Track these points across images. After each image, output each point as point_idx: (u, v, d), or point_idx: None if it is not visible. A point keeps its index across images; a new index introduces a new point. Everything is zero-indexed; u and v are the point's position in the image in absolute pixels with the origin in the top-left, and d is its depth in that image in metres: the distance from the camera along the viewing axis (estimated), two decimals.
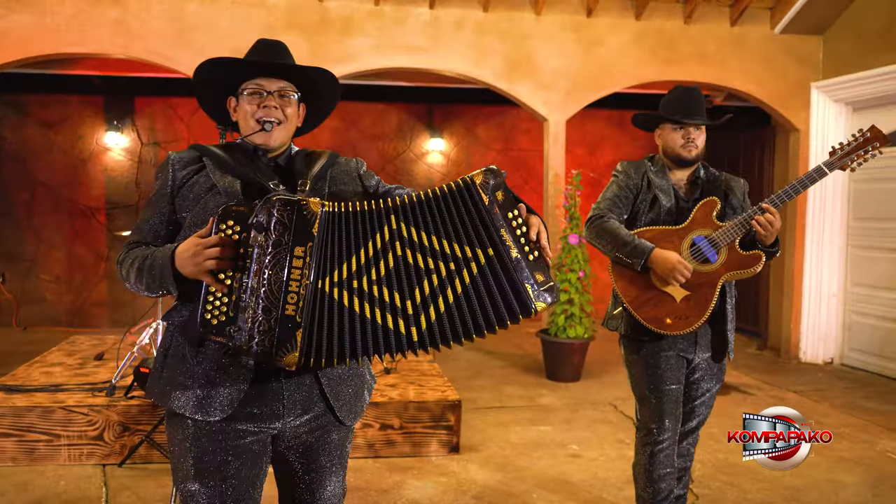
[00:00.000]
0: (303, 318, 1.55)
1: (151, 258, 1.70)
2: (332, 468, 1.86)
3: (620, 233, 2.67)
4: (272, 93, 1.80)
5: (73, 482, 3.56)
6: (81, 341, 5.37)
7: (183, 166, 1.80)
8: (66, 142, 7.58)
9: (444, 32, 5.91)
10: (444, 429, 4.12)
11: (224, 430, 1.70)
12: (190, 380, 1.70)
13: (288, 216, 1.56)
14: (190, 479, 1.70)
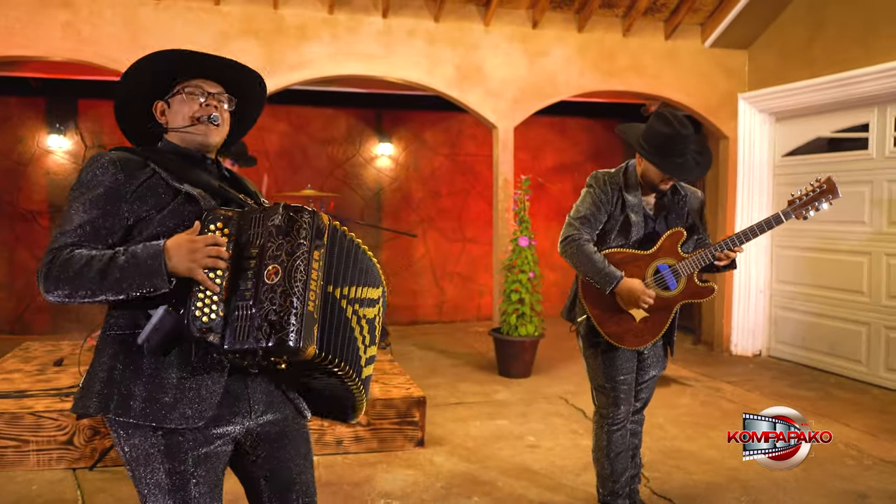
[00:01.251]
0: (318, 315, 1.65)
1: (127, 256, 1.61)
2: (299, 459, 1.91)
3: (595, 260, 2.88)
4: (213, 94, 1.84)
5: (45, 486, 3.58)
6: (35, 348, 5.29)
7: (131, 170, 1.73)
8: (5, 144, 7.38)
9: (397, 41, 6.08)
10: (409, 424, 4.29)
11: (195, 436, 1.69)
12: (161, 390, 1.65)
13: (309, 223, 1.65)
14: (164, 493, 1.69)
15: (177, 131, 1.83)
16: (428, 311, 8.60)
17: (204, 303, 1.59)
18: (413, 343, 7.43)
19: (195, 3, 5.72)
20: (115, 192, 1.70)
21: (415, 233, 8.20)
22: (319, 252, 1.66)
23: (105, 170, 1.71)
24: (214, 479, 1.75)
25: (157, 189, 1.73)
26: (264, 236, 1.63)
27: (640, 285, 2.87)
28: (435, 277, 8.58)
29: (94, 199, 1.69)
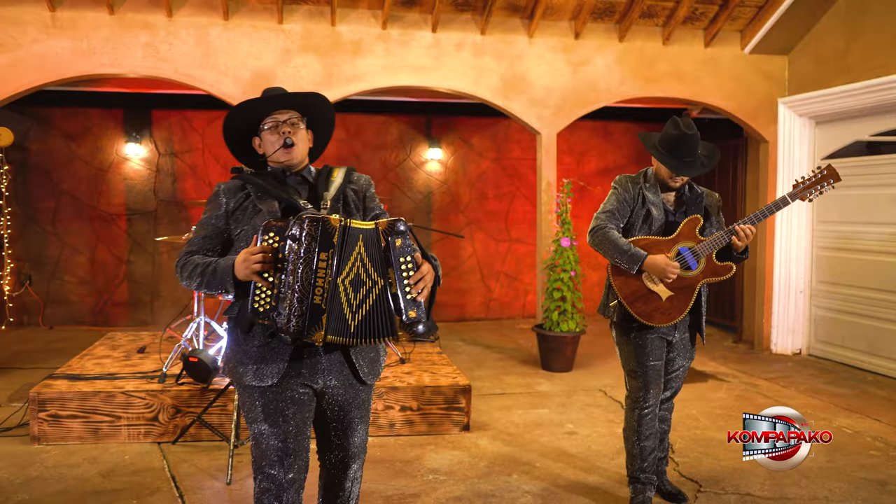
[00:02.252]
0: (327, 305, 2.08)
1: (214, 265, 2.22)
2: (359, 420, 2.40)
3: (619, 242, 3.23)
4: (285, 121, 2.34)
5: (135, 456, 4.07)
6: (119, 337, 5.86)
7: (232, 195, 2.34)
8: (87, 153, 8.05)
9: (446, 53, 6.47)
10: (456, 410, 4.67)
11: (280, 388, 2.25)
12: (247, 357, 2.25)
13: (314, 229, 2.08)
14: (259, 422, 2.27)
15: (267, 159, 2.37)
16: (476, 308, 8.97)
17: (259, 296, 2.10)
18: (461, 338, 7.81)
19: (260, 22, 6.21)
20: (222, 216, 2.34)
21: (462, 234, 8.60)
22: (327, 252, 2.09)
23: (216, 198, 2.35)
24: (298, 420, 2.28)
25: (247, 209, 2.31)
26: (290, 243, 2.09)
27: (665, 258, 3.17)
28: (482, 276, 8.94)
29: (206, 220, 2.35)
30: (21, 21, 5.90)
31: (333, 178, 2.39)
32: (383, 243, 2.14)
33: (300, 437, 2.30)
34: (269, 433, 2.26)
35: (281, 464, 2.27)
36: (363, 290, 2.13)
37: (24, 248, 7.97)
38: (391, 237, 2.13)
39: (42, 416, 4.20)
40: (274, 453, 2.26)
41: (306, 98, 2.38)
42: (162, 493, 3.58)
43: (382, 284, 2.14)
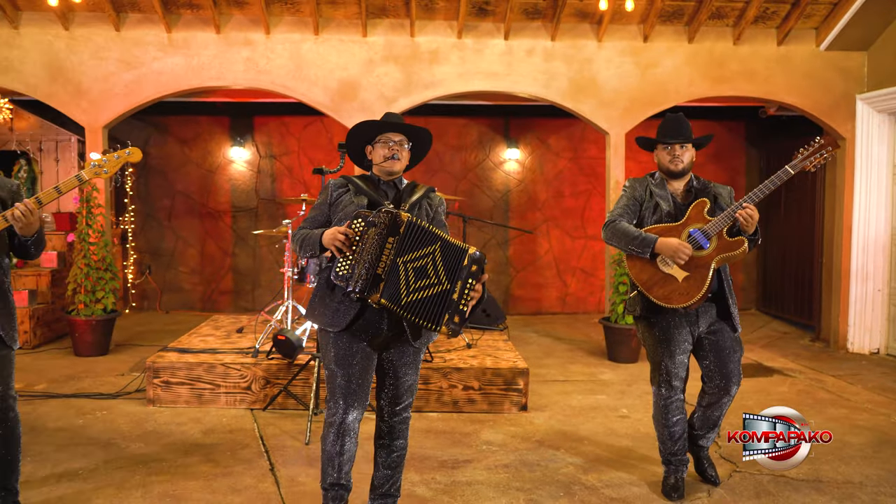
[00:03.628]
0: (386, 276, 2.78)
1: (311, 234, 2.96)
2: (410, 366, 3.04)
3: (630, 231, 3.48)
4: (397, 142, 3.04)
5: (231, 419, 4.72)
6: (222, 320, 6.63)
7: (336, 189, 3.07)
8: (198, 156, 8.97)
9: (517, 60, 6.86)
10: (514, 391, 5.06)
11: (349, 337, 2.91)
12: (327, 308, 2.95)
13: (387, 220, 2.78)
14: (331, 362, 2.95)
15: (376, 166, 3.06)
16: (552, 302, 9.29)
17: (340, 264, 2.80)
18: (534, 330, 8.17)
19: (346, 36, 6.82)
20: (326, 204, 3.06)
21: (540, 230, 8.95)
22: (393, 238, 2.78)
23: (327, 189, 3.09)
24: (363, 365, 2.93)
25: (343, 201, 3.03)
26: (369, 227, 2.79)
27: (677, 240, 3.38)
28: (558, 272, 9.25)
29: (317, 205, 3.10)
30: (143, 42, 6.76)
31: (416, 191, 3.08)
32: (465, 262, 2.79)
33: (362, 379, 2.94)
34: (338, 373, 2.94)
35: (345, 398, 2.93)
36: (426, 280, 2.78)
37: (145, 241, 8.98)
38: (471, 262, 2.79)
39: (156, 382, 4.93)
40: (340, 390, 2.93)
41: (417, 130, 3.09)
42: (251, 448, 4.19)
43: (447, 288, 2.77)
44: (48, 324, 6.99)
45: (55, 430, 4.41)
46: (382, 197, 3.00)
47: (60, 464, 3.85)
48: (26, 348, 6.66)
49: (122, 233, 8.68)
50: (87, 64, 6.77)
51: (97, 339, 6.38)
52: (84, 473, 3.73)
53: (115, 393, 5.18)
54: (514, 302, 9.26)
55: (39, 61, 6.75)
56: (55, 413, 4.74)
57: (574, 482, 3.81)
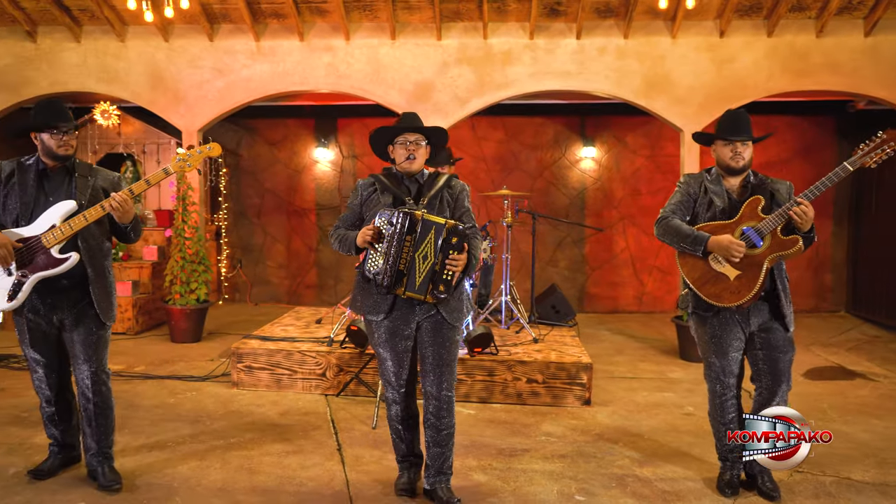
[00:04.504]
0: (407, 271, 3.14)
1: (345, 235, 3.31)
2: (443, 344, 3.29)
3: (682, 228, 3.48)
4: (412, 141, 3.33)
5: (306, 403, 5.04)
6: (303, 311, 7.01)
7: (365, 188, 3.39)
8: (285, 156, 9.46)
9: (589, 58, 6.91)
10: (578, 385, 5.15)
11: (389, 323, 3.28)
12: (367, 299, 3.31)
13: (404, 219, 3.10)
14: (378, 346, 3.34)
15: (397, 165, 3.36)
16: (628, 301, 9.24)
17: (372, 260, 3.17)
18: (608, 328, 8.17)
19: (422, 40, 7.06)
20: (358, 203, 3.39)
21: (613, 228, 8.92)
22: (411, 236, 3.12)
23: (356, 190, 3.41)
24: (404, 347, 3.31)
25: (372, 199, 3.34)
26: (390, 227, 3.12)
27: (729, 237, 3.36)
28: (635, 270, 9.19)
29: (349, 205, 3.42)
30: (234, 51, 7.24)
31: (436, 183, 3.36)
32: (444, 235, 3.12)
33: (407, 359, 3.33)
34: (386, 356, 3.33)
35: (396, 376, 3.35)
36: (427, 263, 3.15)
37: (237, 237, 9.56)
38: (451, 234, 3.13)
39: (240, 366, 5.32)
40: (390, 370, 3.35)
41: (430, 129, 3.38)
42: (322, 430, 4.48)
43: (433, 262, 3.13)
44: (149, 312, 7.60)
45: (150, 406, 4.85)
46: (405, 192, 3.31)
47: (153, 436, 4.26)
48: (129, 334, 7.27)
49: (216, 229, 9.27)
50: (183, 72, 7.30)
51: (191, 326, 6.89)
52: (172, 445, 4.12)
53: (203, 376, 5.62)
54: (589, 300, 9.27)
55: (142, 71, 7.33)
56: (150, 392, 5.20)
57: (628, 474, 3.88)
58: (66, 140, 3.33)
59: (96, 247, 3.41)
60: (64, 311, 3.38)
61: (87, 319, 3.40)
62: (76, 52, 7.39)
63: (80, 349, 3.40)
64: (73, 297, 3.38)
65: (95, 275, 3.38)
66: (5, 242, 3.22)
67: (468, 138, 9.06)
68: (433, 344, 3.29)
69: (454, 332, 3.33)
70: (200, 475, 3.69)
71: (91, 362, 3.42)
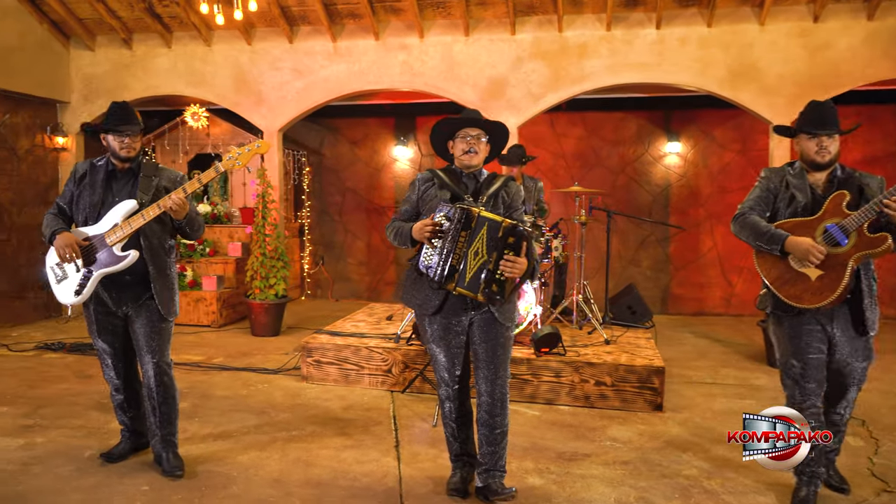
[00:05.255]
0: (459, 266, 3.07)
1: (402, 227, 3.26)
2: (494, 340, 3.22)
3: (760, 225, 3.26)
4: (473, 136, 3.27)
5: (371, 399, 5.08)
6: (376, 307, 7.09)
7: (423, 183, 3.34)
8: (366, 155, 9.61)
9: (669, 49, 6.63)
10: (649, 390, 4.94)
11: (441, 319, 3.24)
12: (419, 294, 3.28)
13: (461, 215, 3.05)
14: (431, 342, 3.32)
15: (456, 159, 3.31)
16: (715, 302, 8.83)
17: (426, 254, 3.13)
18: (691, 331, 7.83)
19: (495, 35, 6.98)
20: (415, 196, 3.34)
21: (700, 227, 8.55)
22: (466, 232, 3.06)
23: (414, 184, 3.38)
24: (457, 343, 3.27)
25: (429, 194, 3.30)
26: (447, 222, 3.07)
27: (809, 241, 3.11)
28: (723, 271, 8.77)
29: (406, 199, 3.39)
30: (312, 52, 7.40)
31: (494, 182, 3.31)
32: (500, 234, 3.00)
33: (460, 355, 3.30)
34: (438, 351, 3.30)
35: (449, 373, 3.32)
36: (478, 259, 3.05)
37: (319, 235, 9.79)
38: (507, 234, 3.00)
39: (309, 360, 5.43)
40: (443, 366, 3.32)
41: (493, 124, 3.31)
42: (383, 425, 4.50)
43: (485, 260, 3.03)
44: (232, 306, 7.89)
45: (222, 397, 5.02)
46: (463, 189, 3.25)
47: (220, 426, 4.40)
48: (213, 327, 7.58)
49: (299, 226, 9.53)
50: (265, 74, 7.53)
51: (269, 321, 7.11)
52: (237, 435, 4.24)
53: (276, 369, 5.78)
54: (673, 301, 8.92)
55: (227, 74, 7.62)
56: (225, 383, 5.39)
57: (694, 485, 3.69)
58: (127, 143, 3.48)
59: (158, 244, 3.55)
60: (128, 304, 3.55)
61: (149, 313, 3.55)
62: (167, 57, 7.76)
63: (143, 341, 3.55)
64: (136, 291, 3.53)
65: (157, 271, 3.52)
66: (71, 242, 3.41)
67: (547, 135, 8.90)
68: (485, 341, 3.24)
69: (506, 329, 3.27)
70: (259, 465, 3.78)
71: (154, 353, 3.56)
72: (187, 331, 7.36)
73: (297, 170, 9.44)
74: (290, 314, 7.55)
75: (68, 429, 4.30)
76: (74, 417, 4.51)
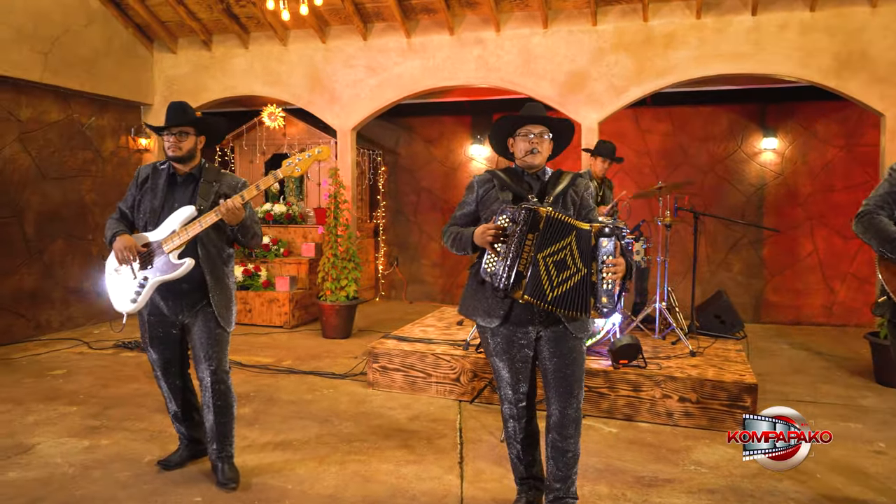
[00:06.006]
0: (527, 272, 2.75)
1: (460, 233, 2.98)
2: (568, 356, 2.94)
3: (886, 229, 2.90)
4: (536, 134, 2.96)
5: (437, 409, 4.86)
6: (448, 312, 6.87)
7: (482, 185, 3.05)
8: (441, 154, 9.42)
9: (766, 36, 6.10)
10: (740, 408, 4.51)
11: (505, 331, 2.95)
12: (481, 303, 2.98)
13: (527, 216, 2.75)
14: (493, 356, 3.04)
15: (518, 159, 3.01)
16: (814, 311, 8.15)
17: (488, 261, 2.81)
18: (788, 342, 7.23)
19: (575, 26, 6.63)
20: (474, 200, 3.05)
21: (799, 229, 7.90)
22: (533, 234, 2.75)
23: (472, 186, 3.08)
24: (521, 357, 2.98)
25: (490, 197, 3.01)
26: (511, 224, 2.77)
27: None
28: (824, 277, 8.08)
29: (464, 202, 3.09)
30: (386, 49, 7.26)
31: (560, 181, 3.01)
32: (593, 242, 2.74)
33: (525, 370, 3.01)
34: (501, 366, 3.02)
35: (514, 390, 3.04)
36: (566, 272, 2.75)
37: (394, 235, 9.67)
38: (599, 238, 2.75)
39: (375, 366, 5.25)
40: (506, 382, 3.04)
41: (557, 122, 3.01)
42: (447, 439, 4.26)
43: (585, 273, 2.74)
44: (305, 307, 7.86)
45: (286, 402, 4.92)
46: (526, 190, 2.96)
47: (281, 433, 4.28)
48: (285, 328, 7.55)
49: (374, 227, 9.44)
50: (339, 72, 7.45)
51: (340, 323, 7.01)
52: (296, 445, 4.10)
53: (343, 374, 5.64)
54: (766, 308, 8.29)
55: (302, 73, 7.58)
56: (291, 387, 5.29)
57: None
58: (172, 141, 3.37)
59: (215, 252, 3.43)
60: (184, 312, 3.44)
61: (206, 320, 3.43)
62: (244, 57, 7.80)
63: (200, 349, 3.44)
64: (193, 299, 3.42)
65: (214, 280, 3.41)
66: (130, 245, 3.33)
67: (631, 131, 8.45)
68: (556, 356, 2.94)
69: (579, 343, 2.97)
70: (315, 478, 3.62)
71: (210, 361, 3.45)
72: (260, 332, 7.36)
73: (373, 169, 9.35)
74: (362, 316, 7.44)
75: (131, 431, 4.28)
76: (139, 420, 4.49)
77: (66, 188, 7.22)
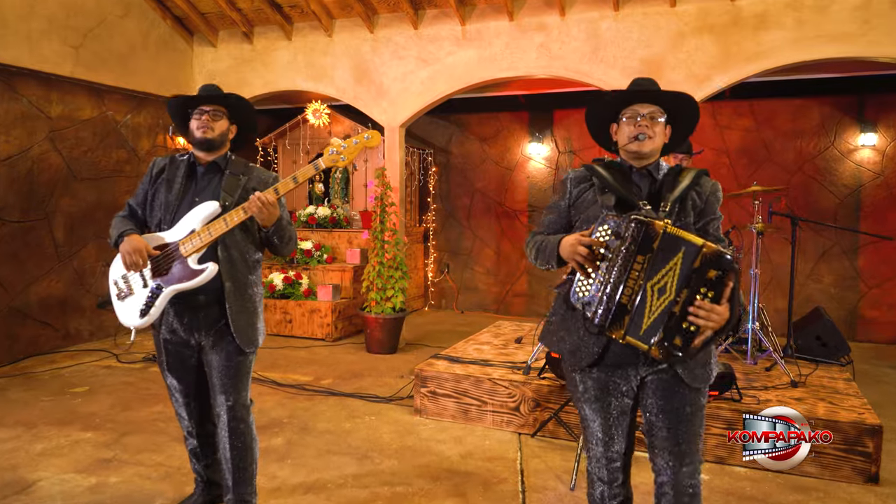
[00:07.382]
0: (632, 307, 2.07)
1: (545, 242, 2.33)
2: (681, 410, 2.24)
3: None
4: (644, 115, 2.28)
5: (494, 443, 4.21)
6: (505, 326, 6.21)
7: (577, 184, 2.40)
8: (497, 153, 8.76)
9: (879, 13, 5.26)
10: (859, 455, 3.74)
11: (599, 374, 2.29)
12: (569, 336, 2.31)
13: (638, 231, 2.06)
14: (584, 403, 2.35)
15: (622, 148, 2.35)
16: None
17: (581, 283, 2.15)
18: (891, 365, 6.34)
19: (652, 7, 5.90)
20: (566, 202, 2.41)
21: None
22: (644, 256, 2.06)
23: (565, 185, 2.44)
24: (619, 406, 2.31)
25: (586, 199, 2.36)
26: (615, 240, 2.09)
27: None
28: None
29: (553, 204, 2.46)
30: (438, 38, 6.65)
31: (681, 180, 2.30)
32: (696, 264, 2.03)
33: (622, 424, 2.32)
34: (592, 418, 2.34)
35: (605, 447, 2.33)
36: (663, 298, 2.06)
37: (445, 240, 9.05)
38: (708, 265, 2.02)
39: (423, 391, 4.63)
40: (597, 438, 2.35)
41: (674, 95, 2.30)
42: (507, 484, 3.61)
43: (671, 299, 2.05)
44: (349, 318, 7.30)
45: (322, 431, 4.34)
46: (635, 192, 2.28)
47: (314, 472, 3.69)
48: (327, 341, 7.00)
49: (423, 231, 8.84)
50: (387, 64, 6.88)
51: (385, 337, 6.42)
52: (331, 487, 3.51)
53: (387, 397, 5.04)
54: (863, 326, 7.37)
55: (348, 65, 7.04)
56: (329, 413, 4.71)
57: None
58: (204, 120, 2.82)
59: (239, 257, 2.86)
60: (201, 331, 2.86)
61: (224, 343, 2.85)
62: (287, 50, 7.30)
63: (217, 378, 2.87)
64: (212, 315, 2.85)
65: (234, 289, 2.82)
66: (140, 247, 2.77)
67: (708, 127, 7.64)
68: (665, 411, 2.25)
69: (697, 395, 2.25)
70: None
71: (227, 394, 2.87)
72: (300, 344, 6.82)
73: (423, 170, 8.75)
74: (410, 327, 6.84)
75: (146, 466, 3.75)
76: (156, 451, 3.97)
77: (98, 189, 6.82)
